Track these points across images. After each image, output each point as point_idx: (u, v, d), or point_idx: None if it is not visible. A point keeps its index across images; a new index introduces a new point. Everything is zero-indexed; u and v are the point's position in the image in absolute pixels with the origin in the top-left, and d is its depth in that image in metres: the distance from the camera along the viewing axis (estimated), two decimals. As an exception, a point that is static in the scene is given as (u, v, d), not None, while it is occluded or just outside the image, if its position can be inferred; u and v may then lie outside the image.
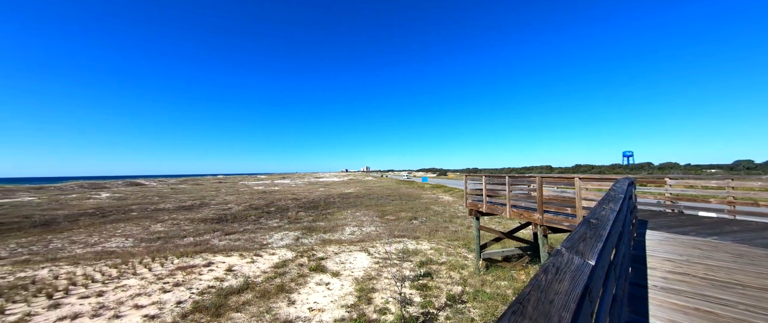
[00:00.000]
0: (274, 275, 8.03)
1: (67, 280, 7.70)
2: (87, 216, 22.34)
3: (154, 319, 5.63)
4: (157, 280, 7.70)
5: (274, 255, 10.13)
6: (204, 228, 16.91)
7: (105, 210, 25.40)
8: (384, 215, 20.94)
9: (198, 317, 5.66)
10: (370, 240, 12.82)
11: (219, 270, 8.51)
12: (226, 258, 9.76)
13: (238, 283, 7.37)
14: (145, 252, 11.19)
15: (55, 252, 11.83)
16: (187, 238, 14.40)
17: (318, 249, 10.99)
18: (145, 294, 6.79)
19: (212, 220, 19.86)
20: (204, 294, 6.77)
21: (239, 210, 25.15)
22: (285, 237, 13.97)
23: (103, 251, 11.85)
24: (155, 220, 20.09)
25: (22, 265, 9.58)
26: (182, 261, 9.48)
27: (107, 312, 5.90)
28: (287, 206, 27.27)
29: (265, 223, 18.58)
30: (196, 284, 7.44)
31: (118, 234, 15.67)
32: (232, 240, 13.63)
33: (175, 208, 26.74)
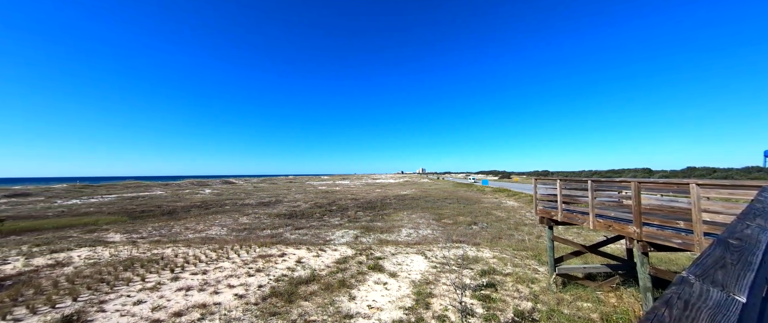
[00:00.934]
0: (337, 270, 8.56)
1: (183, 259, 9.66)
2: (195, 208, 27.75)
3: (241, 298, 6.60)
4: (243, 265, 9.03)
5: (336, 252, 10.82)
6: (278, 223, 19.18)
7: (207, 204, 31.16)
8: (441, 218, 20.34)
9: (275, 301, 6.41)
10: (427, 243, 12.58)
11: (290, 261, 9.51)
12: (296, 251, 10.86)
13: (306, 274, 8.09)
14: (235, 240, 13.28)
15: (175, 236, 15.02)
16: (266, 230, 16.55)
17: (375, 248, 11.30)
18: (235, 276, 8.02)
19: (285, 216, 22.40)
20: (279, 281, 7.64)
21: (306, 207, 27.77)
22: (345, 235, 14.80)
23: (206, 237, 14.51)
24: (242, 214, 23.70)
25: (155, 244, 12.44)
26: (262, 250, 10.91)
27: (209, 288, 7.18)
28: (347, 206, 28.89)
29: (327, 221, 20.06)
30: (273, 271, 8.46)
31: (216, 224, 18.98)
32: (300, 235, 15.11)
33: (257, 204, 31.06)
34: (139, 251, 11.10)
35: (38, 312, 5.95)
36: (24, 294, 6.85)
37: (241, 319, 5.64)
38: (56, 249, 11.56)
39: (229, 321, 5.59)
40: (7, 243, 13.27)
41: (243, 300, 6.52)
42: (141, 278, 7.89)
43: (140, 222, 19.97)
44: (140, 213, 24.76)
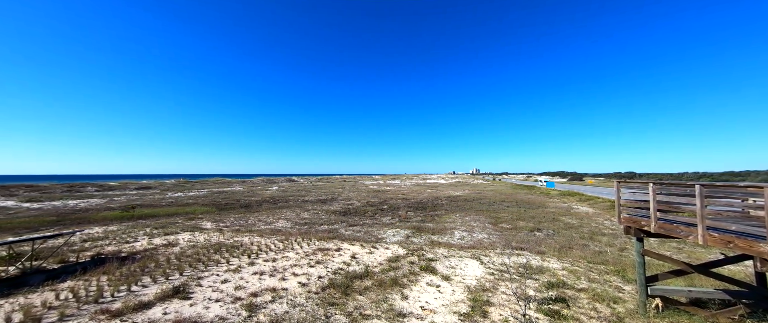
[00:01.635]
0: (389, 268, 8.71)
1: (257, 247, 11.05)
2: (266, 203, 31.47)
3: (304, 286, 7.24)
4: (305, 256, 9.89)
5: (388, 250, 11.01)
6: (334, 219, 20.45)
7: (275, 199, 35.04)
8: (498, 222, 18.96)
9: (332, 292, 6.86)
10: (483, 248, 11.86)
11: (346, 256, 10.04)
12: (350, 246, 11.42)
13: (360, 270, 8.45)
14: (297, 233, 14.63)
15: (250, 226, 17.28)
16: (323, 226, 17.81)
17: (427, 249, 11.14)
18: (299, 266, 8.84)
19: (340, 213, 23.75)
20: (336, 274, 8.14)
21: (359, 205, 28.96)
22: (396, 235, 14.96)
23: (275, 229, 16.34)
24: (303, 209, 25.97)
25: (235, 232, 14.53)
26: (320, 244, 11.78)
27: (278, 275, 8.06)
28: (398, 205, 29.16)
29: (379, 219, 20.55)
30: (330, 264, 9.06)
31: (282, 217, 21.20)
32: (354, 232, 15.83)
33: (315, 201, 33.67)
34: (224, 237, 13.12)
35: (157, 282, 7.52)
36: (148, 266, 8.74)
37: (304, 305, 6.18)
38: (168, 232, 14.45)
39: (294, 305, 6.18)
40: (137, 225, 17.11)
41: (306, 288, 7.14)
42: (226, 261, 9.30)
43: (225, 213, 23.59)
44: (225, 205, 29.25)
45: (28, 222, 19.04)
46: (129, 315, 5.65)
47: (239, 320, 5.55)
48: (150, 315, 5.68)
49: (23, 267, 8.58)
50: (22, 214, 22.17)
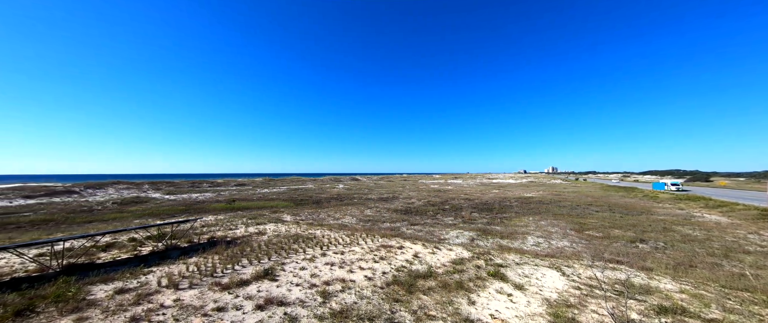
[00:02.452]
0: (453, 270, 8.41)
1: (327, 240, 12.10)
2: (333, 200, 34.18)
3: (370, 280, 7.59)
4: (370, 252, 10.36)
5: (452, 252, 10.64)
6: (396, 217, 20.84)
7: (341, 197, 37.75)
8: (583, 229, 16.28)
9: (396, 288, 7.00)
10: (564, 257, 10.36)
11: (408, 254, 10.12)
12: (412, 245, 11.45)
13: (423, 269, 8.39)
14: (362, 229, 15.44)
15: (321, 221, 19.04)
16: (386, 223, 18.35)
17: (495, 254, 10.33)
18: (364, 260, 9.31)
19: (401, 211, 24.08)
20: (399, 271, 8.29)
21: (420, 205, 28.80)
22: (460, 236, 14.33)
23: (342, 224, 17.61)
24: (366, 207, 27.25)
25: (309, 226, 16.21)
26: (383, 241, 12.16)
27: (346, 267, 8.67)
28: (460, 205, 27.89)
29: (441, 220, 20.04)
30: (393, 261, 9.26)
31: (348, 214, 22.69)
32: (416, 231, 15.82)
33: (377, 199, 34.93)
34: (300, 229, 14.79)
35: (252, 263, 8.96)
36: (245, 250, 10.49)
37: (371, 298, 6.47)
38: (258, 223, 17.09)
39: (361, 297, 6.54)
40: (236, 216, 20.73)
41: (371, 282, 7.48)
42: (303, 250, 10.47)
43: (300, 207, 26.61)
44: (300, 201, 32.98)
45: (169, 210, 25.13)
46: (234, 289, 6.90)
47: (315, 304, 6.17)
48: (248, 291, 6.82)
49: (166, 244, 11.38)
50: (165, 204, 29.40)
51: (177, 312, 5.72)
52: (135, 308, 5.87)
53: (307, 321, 5.50)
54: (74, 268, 8.56)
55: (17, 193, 33.38)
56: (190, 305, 6.05)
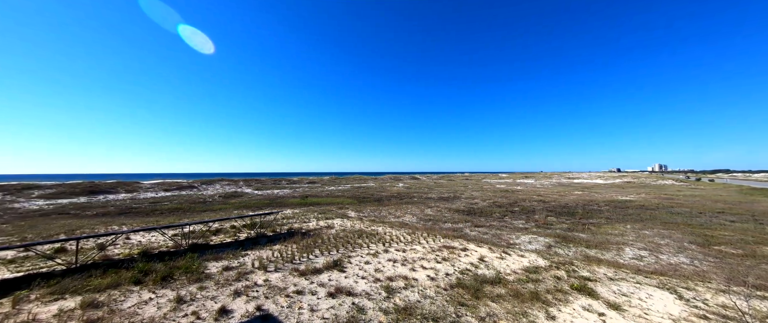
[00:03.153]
0: (526, 279, 7.61)
1: (389, 237, 12.42)
2: (394, 198, 34.87)
3: (433, 280, 7.49)
4: (431, 251, 10.21)
5: (523, 258, 9.64)
6: (458, 218, 20.01)
7: (401, 195, 38.23)
8: (710, 243, 12.70)
9: (461, 292, 6.72)
10: (680, 276, 8.27)
11: (473, 257, 9.60)
12: (477, 248, 10.82)
13: (490, 274, 7.84)
14: (423, 228, 15.33)
15: (382, 218, 19.65)
16: (447, 224, 17.79)
17: (580, 265, 8.93)
18: (426, 260, 9.23)
19: (463, 212, 23.00)
20: (464, 274, 7.93)
21: (484, 206, 26.97)
22: (534, 242, 12.87)
23: (402, 222, 17.83)
24: (426, 206, 26.94)
25: (372, 222, 16.92)
26: (445, 241, 11.82)
27: (408, 264, 8.74)
28: (533, 208, 25.04)
29: (509, 223, 18.36)
30: (457, 263, 8.91)
31: (408, 212, 22.83)
32: (480, 233, 14.89)
33: (438, 198, 34.15)
34: (363, 225, 15.57)
35: (323, 254, 9.85)
36: (317, 241, 11.60)
37: (434, 299, 6.38)
38: (327, 217, 18.69)
39: (425, 296, 6.51)
40: (309, 210, 23.09)
41: (434, 282, 7.36)
42: (366, 245, 10.99)
43: (363, 205, 28.02)
44: (362, 198, 34.74)
45: (257, 203, 29.64)
46: (309, 275, 7.71)
47: (380, 298, 6.41)
48: (321, 278, 7.53)
49: (257, 232, 13.46)
50: (254, 198, 34.80)
51: (266, 291, 6.71)
52: (237, 283, 7.12)
53: (373, 313, 5.75)
54: (196, 247, 10.90)
55: (159, 187, 44.28)
56: (276, 286, 7.02)
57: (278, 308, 5.93)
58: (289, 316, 5.62)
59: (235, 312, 5.78)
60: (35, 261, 9.16)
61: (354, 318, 5.51)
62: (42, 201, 29.27)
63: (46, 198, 31.49)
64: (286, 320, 5.48)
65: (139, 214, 22.16)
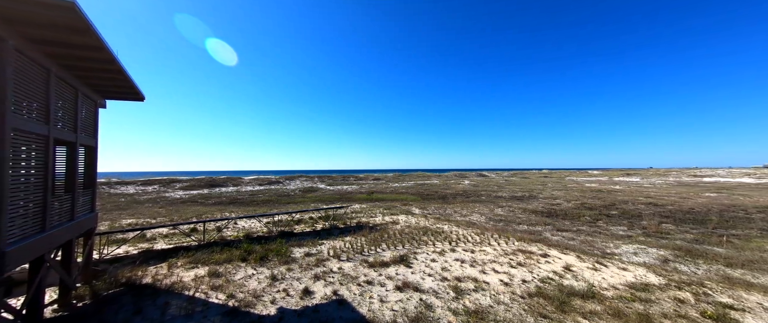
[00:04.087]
0: (631, 297, 6.28)
1: (455, 236, 11.98)
2: (459, 196, 33.43)
3: (507, 285, 6.90)
4: (504, 254, 9.41)
5: (626, 272, 7.98)
6: (535, 220, 17.87)
7: (467, 193, 36.35)
8: None
9: (542, 302, 6.00)
10: None
11: (556, 265, 8.44)
12: (561, 255, 9.46)
13: (580, 286, 6.76)
14: (493, 229, 14.25)
15: (448, 216, 19.06)
16: (522, 225, 16.09)
17: (716, 288, 6.88)
18: (498, 263, 8.56)
19: (542, 213, 20.41)
20: (544, 282, 7.06)
21: (569, 207, 23.36)
22: (641, 253, 10.51)
23: (470, 222, 16.94)
24: (496, 205, 24.92)
25: (436, 220, 16.61)
26: (520, 244, 10.72)
27: (477, 267, 8.27)
28: (639, 212, 20.44)
29: (604, 228, 15.44)
30: (536, 270, 7.98)
31: (476, 211, 21.56)
32: (565, 238, 12.97)
33: (509, 197, 31.20)
34: (428, 223, 15.41)
35: (389, 248, 10.17)
36: (383, 236, 12.05)
37: (509, 306, 5.87)
38: (392, 213, 19.20)
39: (498, 302, 6.05)
40: (375, 206, 24.15)
41: (508, 288, 6.78)
42: (432, 243, 10.86)
43: (427, 202, 27.76)
44: (426, 195, 34.42)
45: (329, 197, 32.57)
46: (377, 268, 8.09)
47: (448, 298, 6.26)
48: (388, 272, 7.81)
49: (330, 224, 14.82)
50: (327, 193, 38.36)
51: (340, 278, 7.34)
52: (316, 268, 8.00)
53: (441, 312, 5.67)
54: (283, 234, 12.69)
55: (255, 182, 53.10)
56: (348, 274, 7.60)
57: (352, 295, 6.42)
58: (362, 304, 6.01)
59: (316, 293, 6.50)
60: (179, 237, 12.19)
61: (422, 314, 5.53)
62: (181, 192, 38.65)
63: (183, 190, 41.44)
64: (359, 307, 5.88)
65: (242, 204, 27.07)
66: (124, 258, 9.21)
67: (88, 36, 4.38)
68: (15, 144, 4.31)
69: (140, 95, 7.68)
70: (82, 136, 6.52)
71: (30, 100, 4.63)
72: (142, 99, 7.91)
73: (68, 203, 6.06)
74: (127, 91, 7.35)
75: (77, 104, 6.17)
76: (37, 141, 4.85)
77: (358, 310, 5.75)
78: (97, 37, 4.42)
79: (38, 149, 4.91)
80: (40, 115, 4.89)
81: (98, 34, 4.38)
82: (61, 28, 4.18)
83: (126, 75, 6.22)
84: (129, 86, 6.95)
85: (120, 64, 5.65)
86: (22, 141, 4.52)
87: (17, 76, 4.21)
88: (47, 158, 5.02)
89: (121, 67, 5.80)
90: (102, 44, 4.67)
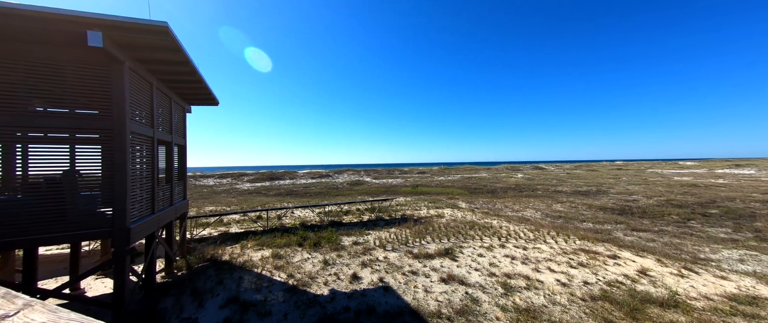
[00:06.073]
0: (728, 310, 5.23)
1: (506, 232, 11.33)
2: (511, 190, 31.24)
3: (565, 286, 6.35)
4: (562, 253, 8.61)
5: (726, 281, 6.62)
6: (603, 217, 15.80)
7: (520, 187, 33.73)
8: None
9: (607, 307, 5.39)
10: None
11: (627, 268, 7.42)
12: (635, 257, 8.26)
13: (658, 293, 5.86)
14: (550, 226, 13.06)
15: (497, 211, 18.03)
16: (586, 223, 14.40)
17: None
18: (554, 262, 7.89)
19: (612, 210, 17.91)
20: (612, 286, 6.30)
21: (650, 204, 19.98)
22: (751, 260, 8.56)
23: (522, 217, 15.79)
24: (555, 201, 22.64)
25: (485, 215, 15.87)
26: (583, 243, 9.65)
27: (530, 264, 7.76)
28: (751, 211, 16.49)
29: (697, 229, 12.89)
30: (601, 272, 7.15)
31: (530, 207, 19.94)
32: (642, 239, 11.23)
33: (572, 192, 28.00)
34: (476, 217, 14.84)
35: (434, 241, 10.14)
36: (428, 229, 12.03)
37: (568, 308, 5.42)
38: (437, 207, 18.96)
39: (553, 302, 5.64)
40: (420, 199, 24.11)
41: (567, 289, 6.24)
42: (479, 238, 10.48)
43: (474, 196, 26.61)
44: (474, 189, 32.98)
45: (375, 190, 33.55)
46: (422, 259, 8.18)
47: (496, 293, 6.05)
48: (433, 264, 7.84)
49: (376, 215, 15.35)
50: (373, 186, 39.55)
51: (386, 266, 7.64)
52: (363, 256, 8.46)
53: (488, 307, 5.52)
54: (333, 223, 13.62)
55: (308, 176, 57.49)
56: (394, 264, 7.87)
57: (396, 283, 6.65)
58: (406, 292, 6.20)
59: (364, 279, 6.91)
60: (248, 223, 14.02)
61: (468, 307, 5.48)
62: (248, 185, 44.02)
63: (250, 182, 47.11)
64: (404, 295, 6.08)
65: (297, 195, 29.69)
66: (208, 239, 11.01)
67: (178, 54, 5.33)
68: (131, 144, 5.51)
69: (215, 100, 9.00)
70: (176, 136, 7.96)
71: (140, 109, 5.85)
72: (216, 103, 9.27)
73: (168, 191, 7.51)
74: (206, 98, 8.68)
75: (171, 110, 7.54)
76: (146, 141, 6.11)
77: (403, 298, 5.95)
78: (185, 54, 5.34)
79: (147, 148, 6.18)
80: (147, 120, 6.14)
81: (185, 51, 5.29)
82: (159, 49, 5.16)
83: (205, 84, 7.36)
84: (207, 93, 8.20)
85: (200, 75, 6.72)
86: (137, 142, 5.75)
87: (131, 90, 5.34)
88: (153, 155, 6.29)
89: (201, 77, 6.89)
90: (188, 59, 5.62)
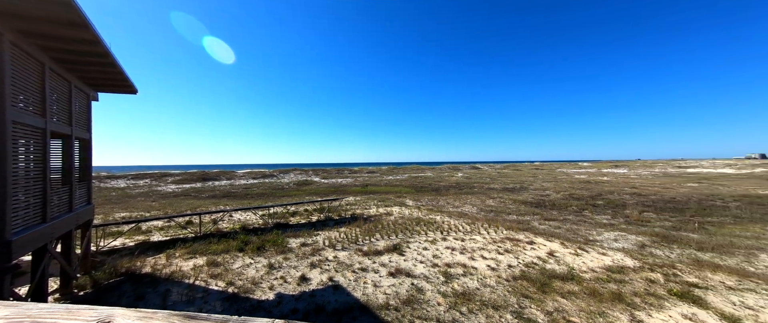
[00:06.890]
0: (607, 279, 6.77)
1: (447, 226, 12.40)
2: (452, 188, 34.01)
3: (493, 270, 7.32)
4: (492, 242, 9.86)
5: (605, 256, 8.50)
6: (524, 210, 18.48)
7: (460, 185, 36.99)
8: None
9: (525, 284, 6.43)
10: None
11: (540, 251, 8.92)
12: (546, 242, 9.96)
13: (561, 270, 7.23)
14: (483, 219, 14.74)
15: (440, 208, 19.52)
16: (511, 215, 16.66)
17: (685, 269, 7.43)
18: (486, 250, 8.99)
19: (531, 204, 21.06)
20: (529, 267, 7.50)
21: (557, 198, 24.12)
22: (621, 239, 11.11)
23: (461, 212, 17.42)
24: (488, 196, 25.54)
25: (429, 211, 17.03)
26: (509, 233, 11.20)
27: (467, 254, 8.69)
28: (623, 202, 21.29)
29: (589, 217, 16.11)
30: (522, 256, 8.44)
31: (468, 202, 22.09)
32: (551, 226, 13.53)
33: (501, 189, 31.92)
34: (421, 214, 15.82)
35: (383, 238, 10.51)
36: (377, 226, 12.38)
37: (495, 288, 6.28)
38: (386, 205, 19.55)
39: (484, 285, 6.46)
40: (369, 198, 24.48)
41: (495, 272, 7.19)
42: (424, 233, 11.25)
43: (421, 194, 28.23)
44: (420, 188, 34.91)
45: (324, 190, 32.75)
46: (371, 256, 8.42)
47: (438, 282, 6.64)
48: (382, 259, 8.14)
49: (325, 215, 15.08)
50: (322, 186, 38.51)
51: (336, 266, 7.64)
52: (312, 257, 8.28)
53: (431, 295, 6.03)
54: (279, 226, 12.90)
55: (249, 176, 52.78)
56: (343, 262, 7.91)
57: (346, 281, 6.73)
58: (356, 288, 6.34)
59: (312, 280, 6.80)
60: (175, 229, 12.29)
61: (413, 297, 5.89)
62: (173, 186, 38.26)
63: (176, 184, 41.01)
64: (354, 291, 6.21)
65: (236, 197, 27.07)
66: (121, 250, 9.32)
67: (85, 30, 4.44)
68: (14, 137, 4.39)
69: (133, 88, 7.69)
70: (77, 128, 6.56)
71: (26, 93, 4.69)
72: (134, 92, 7.92)
73: (66, 195, 6.15)
74: (120, 84, 7.36)
75: (71, 97, 6.20)
76: (34, 134, 4.92)
77: (353, 294, 6.07)
78: (93, 31, 4.48)
79: (36, 142, 4.99)
80: (36, 108, 4.95)
81: (94, 28, 4.44)
82: (57, 23, 4.23)
83: (119, 68, 6.25)
84: (121, 79, 6.97)
85: (114, 57, 5.69)
86: (21, 134, 4.60)
87: (14, 69, 4.26)
88: (45, 151, 5.10)
89: (115, 60, 5.84)
90: (97, 38, 4.72)
